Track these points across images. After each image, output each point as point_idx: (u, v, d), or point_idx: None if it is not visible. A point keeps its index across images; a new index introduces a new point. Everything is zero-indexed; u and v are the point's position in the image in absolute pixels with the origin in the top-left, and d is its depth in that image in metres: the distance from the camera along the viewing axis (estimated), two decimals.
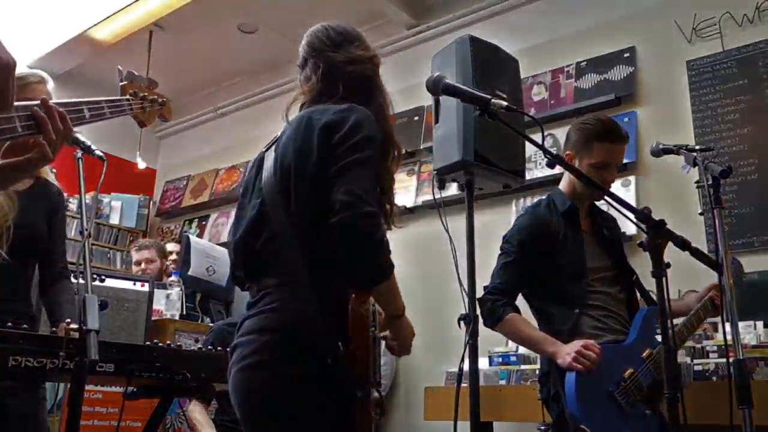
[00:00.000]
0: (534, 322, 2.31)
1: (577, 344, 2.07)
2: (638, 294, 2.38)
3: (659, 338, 1.63)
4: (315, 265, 1.40)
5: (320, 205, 1.39)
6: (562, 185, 2.42)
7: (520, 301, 2.32)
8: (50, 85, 2.08)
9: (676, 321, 2.21)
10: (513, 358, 3.13)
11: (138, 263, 4.16)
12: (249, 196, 1.57)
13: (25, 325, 1.72)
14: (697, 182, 2.17)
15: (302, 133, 1.48)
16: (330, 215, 1.35)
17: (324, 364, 1.35)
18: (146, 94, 1.78)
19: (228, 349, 1.51)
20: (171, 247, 4.64)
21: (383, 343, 1.58)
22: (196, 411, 2.77)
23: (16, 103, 1.28)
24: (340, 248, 1.35)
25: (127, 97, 1.71)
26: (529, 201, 4.03)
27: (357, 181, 1.38)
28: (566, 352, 2.07)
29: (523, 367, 3.05)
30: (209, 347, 2.12)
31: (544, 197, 2.44)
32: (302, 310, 1.38)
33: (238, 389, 1.42)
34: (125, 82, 1.75)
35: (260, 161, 1.59)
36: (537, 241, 2.27)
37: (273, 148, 1.56)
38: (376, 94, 1.61)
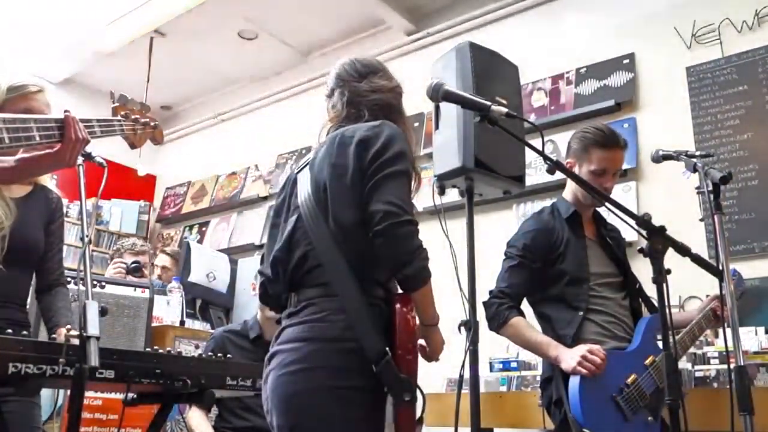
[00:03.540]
0: (538, 327, 2.31)
1: (582, 349, 2.07)
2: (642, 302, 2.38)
3: (662, 345, 1.62)
4: (358, 275, 1.46)
5: (358, 216, 1.47)
6: (566, 193, 2.45)
7: (525, 307, 2.32)
8: (49, 94, 2.08)
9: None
10: (514, 365, 3.12)
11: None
12: (284, 215, 1.63)
13: (24, 332, 1.71)
14: (697, 188, 2.17)
15: (336, 150, 1.56)
16: (371, 224, 1.43)
17: (369, 373, 1.40)
18: (138, 116, 1.81)
19: (266, 358, 1.56)
20: (161, 260, 4.30)
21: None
22: (195, 417, 2.75)
23: (36, 116, 1.48)
24: (384, 254, 1.43)
25: (119, 117, 1.75)
26: (530, 207, 4.03)
27: (394, 191, 1.47)
28: (571, 356, 2.07)
29: (523, 373, 3.04)
30: (209, 353, 2.11)
31: (547, 204, 2.47)
32: (349, 319, 1.43)
33: (279, 393, 1.46)
34: (117, 104, 1.78)
35: (293, 182, 1.66)
36: (540, 246, 2.30)
37: (306, 168, 1.63)
38: (398, 121, 1.69)
